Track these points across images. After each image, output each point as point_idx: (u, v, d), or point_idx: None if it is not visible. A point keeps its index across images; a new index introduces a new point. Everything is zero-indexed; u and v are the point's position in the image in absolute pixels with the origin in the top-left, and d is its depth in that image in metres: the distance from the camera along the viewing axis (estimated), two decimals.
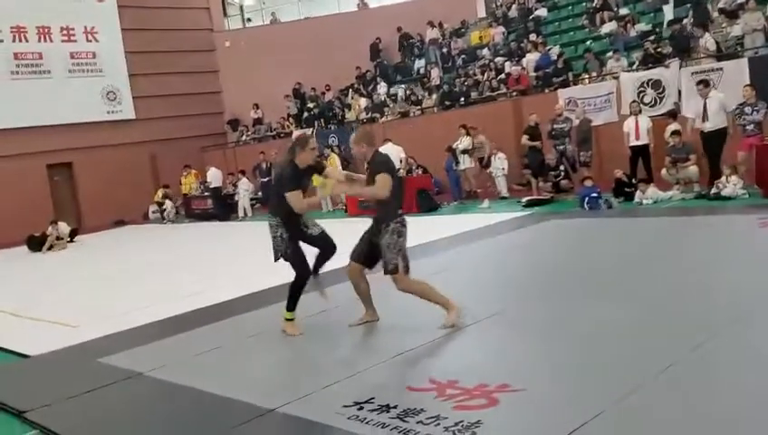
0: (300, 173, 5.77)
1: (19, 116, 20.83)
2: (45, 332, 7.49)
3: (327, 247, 6.11)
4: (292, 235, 5.91)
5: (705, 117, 11.07)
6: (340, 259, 6.03)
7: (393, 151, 14.36)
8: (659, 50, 14.32)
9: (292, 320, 6.00)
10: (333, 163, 16.95)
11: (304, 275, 5.91)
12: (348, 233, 6.48)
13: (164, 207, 21.24)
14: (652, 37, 15.40)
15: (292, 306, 5.98)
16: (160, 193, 21.80)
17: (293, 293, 5.97)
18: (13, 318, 8.51)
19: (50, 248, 16.44)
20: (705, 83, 11.39)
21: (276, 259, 5.99)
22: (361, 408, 4.01)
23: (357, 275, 5.82)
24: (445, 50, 21.43)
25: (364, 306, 5.98)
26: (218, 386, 4.76)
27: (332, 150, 18.16)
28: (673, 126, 11.75)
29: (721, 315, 4.92)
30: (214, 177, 19.58)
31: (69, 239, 17.41)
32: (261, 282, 8.30)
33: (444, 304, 5.56)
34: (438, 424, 3.65)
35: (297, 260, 5.93)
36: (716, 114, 10.95)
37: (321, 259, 6.16)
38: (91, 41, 23.02)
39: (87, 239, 18.63)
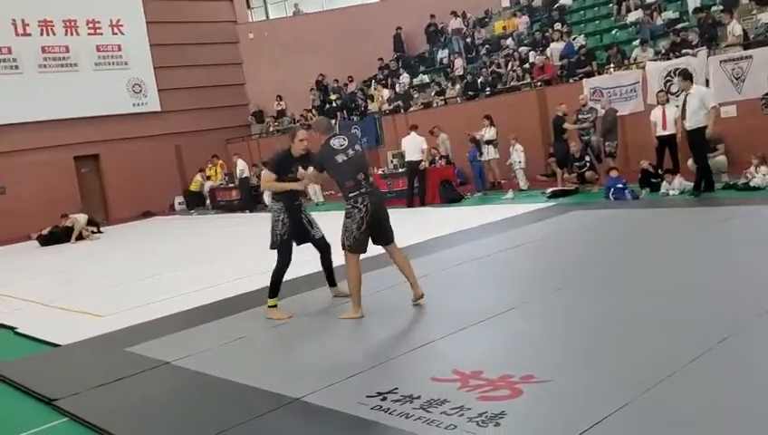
0: (289, 160, 6.28)
1: (47, 109, 21.14)
2: (74, 322, 7.62)
3: (326, 250, 6.60)
4: (292, 223, 6.28)
5: (683, 114, 10.38)
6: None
7: (416, 141, 14.35)
8: (686, 38, 14.10)
9: (274, 306, 6.37)
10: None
11: (286, 264, 6.31)
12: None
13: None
14: (679, 25, 15.17)
15: (272, 293, 6.36)
16: (218, 169, 21.49)
17: (274, 280, 6.34)
18: (43, 308, 8.67)
19: (79, 238, 16.72)
20: (685, 75, 10.54)
21: (272, 247, 6.34)
22: (385, 398, 4.02)
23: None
24: (468, 40, 21.32)
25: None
26: (244, 375, 4.81)
27: None
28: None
29: (748, 308, 4.84)
30: (242, 168, 19.67)
31: (94, 230, 17.58)
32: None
33: (355, 302, 5.99)
34: (462, 415, 3.65)
35: (284, 249, 6.31)
36: (696, 112, 10.15)
37: (327, 263, 6.65)
38: (116, 33, 23.25)
39: (114, 230, 18.88)
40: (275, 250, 6.34)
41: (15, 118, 20.63)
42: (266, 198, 18.98)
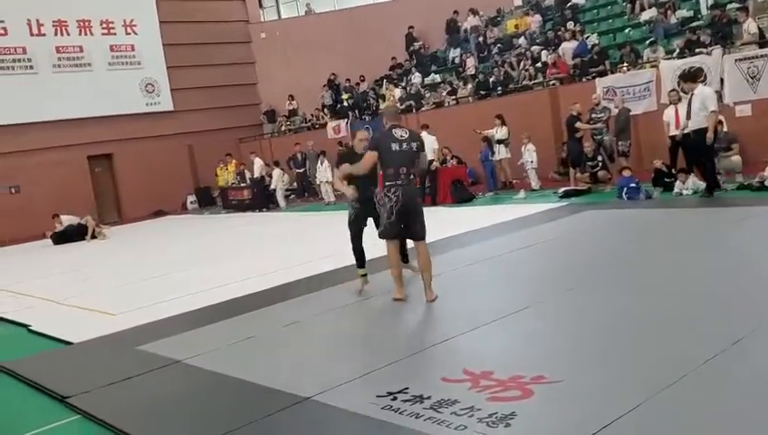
0: (353, 156, 6.80)
1: (61, 109, 21.30)
2: (86, 320, 7.67)
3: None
4: (363, 206, 6.83)
5: (688, 115, 10.22)
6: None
7: (427, 140, 14.31)
8: (700, 37, 14.00)
9: (363, 275, 7.09)
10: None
11: (353, 244, 7.06)
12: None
13: (270, 181, 19.51)
14: (693, 24, 15.06)
15: (358, 265, 7.10)
16: (231, 168, 21.16)
17: (354, 254, 7.09)
18: (56, 306, 8.72)
19: (93, 237, 16.87)
20: (686, 77, 10.46)
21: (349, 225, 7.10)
22: (395, 398, 4.01)
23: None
24: (480, 39, 21.26)
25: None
26: (254, 374, 4.82)
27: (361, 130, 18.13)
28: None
29: (763, 309, 4.80)
30: (258, 167, 19.67)
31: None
32: (295, 273, 8.41)
33: (396, 285, 6.40)
34: (472, 415, 3.64)
35: (351, 230, 7.08)
36: (697, 112, 10.04)
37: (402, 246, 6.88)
38: (129, 33, 23.39)
39: (126, 229, 18.98)
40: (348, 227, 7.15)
41: (30, 117, 20.80)
42: (280, 199, 19.03)
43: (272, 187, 19.26)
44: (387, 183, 6.10)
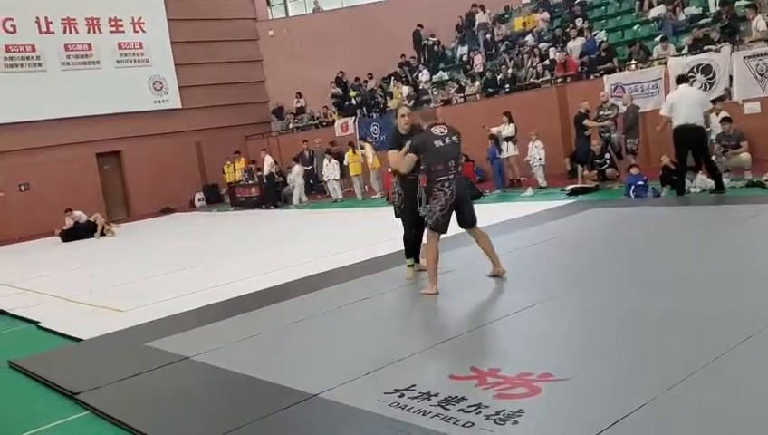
0: (399, 137, 6.87)
1: (70, 106, 21.39)
2: (95, 316, 7.70)
3: (422, 226, 6.80)
4: (407, 192, 6.78)
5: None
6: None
7: None
8: (709, 34, 13.94)
9: (410, 266, 7.10)
10: (368, 153, 17.06)
11: (407, 235, 7.01)
12: (389, 221, 6.53)
13: (289, 179, 19.50)
14: (702, 21, 14.99)
15: (407, 254, 7.11)
16: (239, 165, 21.14)
17: (404, 244, 7.10)
18: (65, 302, 8.77)
19: (102, 234, 16.96)
20: (681, 80, 10.66)
21: (396, 216, 7.12)
22: (402, 395, 4.02)
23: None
24: (488, 36, 21.23)
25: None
26: (262, 371, 4.83)
27: (366, 141, 18.14)
28: (723, 113, 11.43)
29: None
30: (268, 164, 19.70)
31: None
32: (303, 270, 8.43)
33: (431, 279, 6.35)
34: (480, 413, 3.64)
35: (405, 217, 6.98)
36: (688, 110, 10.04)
37: (418, 239, 7.05)
38: (138, 31, 23.46)
39: (135, 227, 19.05)
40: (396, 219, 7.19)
41: (39, 115, 20.91)
42: (295, 197, 19.00)
43: (291, 183, 19.23)
44: (438, 178, 6.23)
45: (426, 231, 6.55)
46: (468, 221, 6.55)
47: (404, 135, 6.82)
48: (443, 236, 6.43)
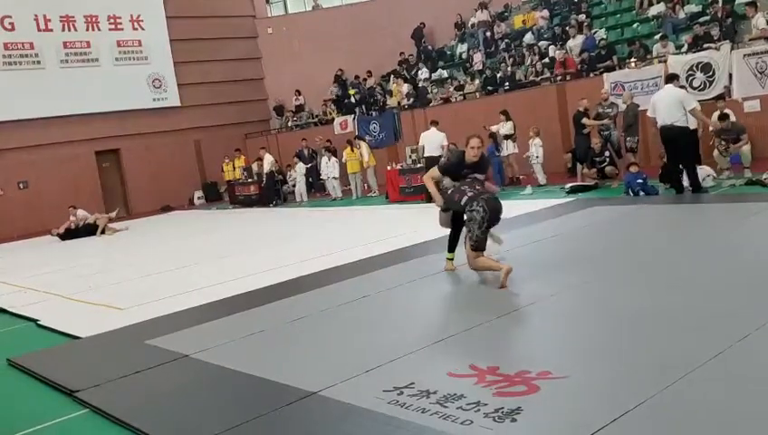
0: (462, 163, 6.89)
1: (68, 104, 21.38)
2: (95, 314, 7.70)
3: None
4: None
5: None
6: None
7: (436, 138, 14.30)
8: (709, 32, 13.94)
9: (449, 259, 7.18)
10: (363, 151, 17.04)
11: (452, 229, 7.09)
12: (389, 219, 6.52)
13: (290, 177, 19.64)
14: (702, 19, 14.99)
15: (449, 249, 7.19)
16: (239, 163, 21.03)
17: (449, 238, 7.19)
18: (64, 300, 8.77)
19: (102, 232, 16.96)
20: (668, 79, 10.69)
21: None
22: (401, 393, 4.02)
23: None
24: (488, 34, 21.22)
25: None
26: (261, 369, 4.84)
27: (363, 140, 18.10)
28: (719, 112, 11.45)
29: None
30: (267, 162, 19.68)
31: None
32: (303, 267, 8.44)
33: (495, 268, 6.44)
34: (478, 410, 3.64)
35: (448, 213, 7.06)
36: (669, 110, 10.10)
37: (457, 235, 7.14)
38: (137, 29, 23.45)
39: (134, 225, 19.04)
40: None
41: (37, 113, 20.90)
42: (297, 195, 18.95)
43: (292, 181, 19.18)
44: (464, 201, 6.47)
45: (467, 249, 6.59)
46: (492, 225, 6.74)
47: (468, 164, 6.85)
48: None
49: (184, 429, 4.14)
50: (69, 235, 16.97)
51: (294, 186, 19.28)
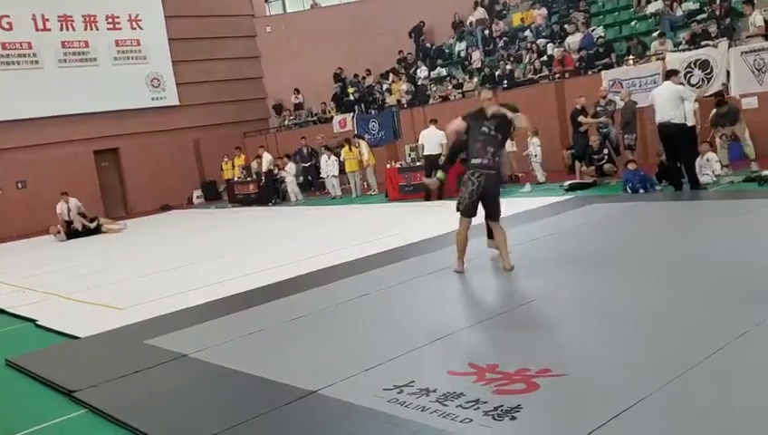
0: (482, 115, 6.74)
1: (67, 104, 21.36)
2: (93, 314, 7.69)
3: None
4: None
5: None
6: None
7: (435, 136, 14.29)
8: (706, 29, 13.94)
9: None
10: (363, 149, 16.99)
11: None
12: (388, 217, 6.52)
13: (279, 177, 19.24)
14: (699, 16, 14.98)
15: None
16: (238, 162, 20.85)
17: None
18: (62, 300, 8.76)
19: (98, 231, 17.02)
20: (666, 75, 10.74)
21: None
22: (401, 391, 4.02)
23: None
24: (486, 32, 21.20)
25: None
26: (261, 368, 4.83)
27: (362, 138, 18.07)
28: (716, 101, 11.49)
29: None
30: (266, 161, 19.63)
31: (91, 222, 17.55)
32: (302, 266, 8.43)
33: (458, 258, 6.81)
34: (478, 408, 3.64)
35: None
36: (666, 106, 10.12)
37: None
38: (135, 28, 23.42)
39: (133, 224, 19.02)
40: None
41: (36, 113, 20.87)
42: (291, 195, 18.90)
43: (286, 180, 19.13)
44: (472, 162, 6.63)
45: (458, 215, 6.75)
46: (489, 213, 6.84)
47: (488, 117, 6.69)
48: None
49: (183, 428, 4.14)
50: (74, 235, 16.93)
51: (283, 183, 19.12)
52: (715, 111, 11.29)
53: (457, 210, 6.78)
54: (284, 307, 6.64)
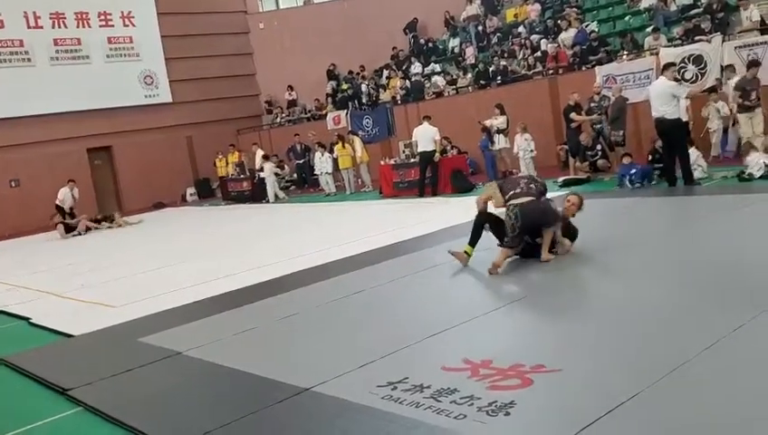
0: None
1: (59, 101, 21.28)
2: (87, 312, 7.67)
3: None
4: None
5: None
6: None
7: (429, 132, 14.28)
8: (700, 24, 13.96)
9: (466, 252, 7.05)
10: (356, 146, 16.98)
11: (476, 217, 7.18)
12: (381, 214, 6.51)
13: (263, 174, 18.93)
14: (693, 11, 15.00)
15: (469, 241, 7.06)
16: (232, 159, 20.70)
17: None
18: (56, 299, 8.73)
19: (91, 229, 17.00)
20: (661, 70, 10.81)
21: None
22: (395, 388, 4.02)
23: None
24: (480, 28, 21.19)
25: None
26: (254, 365, 4.82)
27: (356, 135, 18.02)
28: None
29: (763, 297, 4.79)
30: (259, 158, 19.54)
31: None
32: (295, 264, 8.42)
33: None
34: (472, 404, 3.64)
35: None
36: (658, 101, 10.25)
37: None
38: (127, 26, 23.32)
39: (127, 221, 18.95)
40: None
41: (28, 111, 20.78)
42: (270, 195, 18.75)
43: (266, 181, 19.02)
44: (508, 202, 6.76)
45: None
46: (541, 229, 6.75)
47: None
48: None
49: (177, 426, 4.13)
50: (70, 230, 16.90)
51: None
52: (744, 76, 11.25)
53: (502, 245, 6.77)
54: (278, 305, 6.63)
